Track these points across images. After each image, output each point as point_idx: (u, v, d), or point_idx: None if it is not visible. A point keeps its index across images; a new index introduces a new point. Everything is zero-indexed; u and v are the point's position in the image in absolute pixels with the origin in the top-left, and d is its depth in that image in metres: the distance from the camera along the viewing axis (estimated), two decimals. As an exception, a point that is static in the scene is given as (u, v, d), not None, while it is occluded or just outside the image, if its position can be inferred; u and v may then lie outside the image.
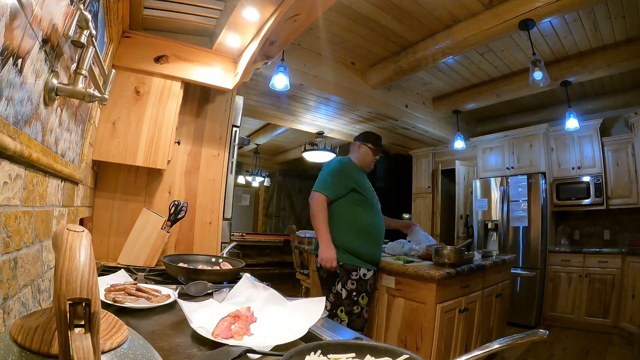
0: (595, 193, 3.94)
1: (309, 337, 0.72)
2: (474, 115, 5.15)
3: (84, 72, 0.81)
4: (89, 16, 0.78)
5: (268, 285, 0.96)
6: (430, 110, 4.51)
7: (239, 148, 2.38)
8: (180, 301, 0.76)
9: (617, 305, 3.49)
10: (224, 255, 1.61)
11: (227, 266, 1.38)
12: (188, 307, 0.76)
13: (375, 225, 2.08)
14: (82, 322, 0.29)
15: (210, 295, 0.89)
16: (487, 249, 4.16)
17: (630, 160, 3.77)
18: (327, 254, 1.96)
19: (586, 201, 4.01)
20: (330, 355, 0.55)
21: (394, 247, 2.62)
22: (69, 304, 0.28)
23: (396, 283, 2.09)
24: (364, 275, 2.00)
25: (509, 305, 2.99)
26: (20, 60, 0.58)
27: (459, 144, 4.45)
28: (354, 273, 1.98)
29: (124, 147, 1.59)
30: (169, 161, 1.73)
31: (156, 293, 0.93)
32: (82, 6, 0.77)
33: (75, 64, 0.85)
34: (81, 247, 0.31)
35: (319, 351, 0.56)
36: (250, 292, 0.93)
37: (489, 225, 4.40)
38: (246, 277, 0.98)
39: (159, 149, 1.64)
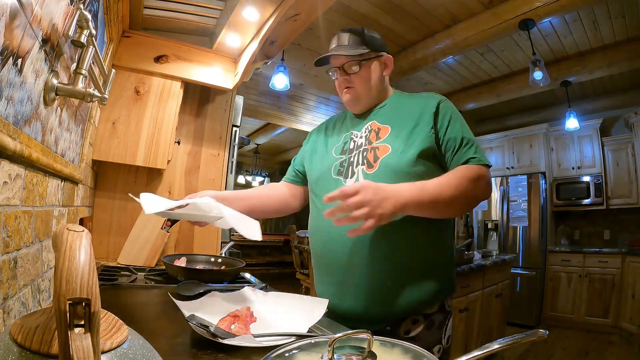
0: (595, 193, 3.94)
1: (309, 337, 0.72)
2: (474, 115, 5.15)
3: (84, 72, 0.81)
4: (89, 16, 0.78)
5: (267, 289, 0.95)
6: (430, 110, 4.51)
7: (239, 148, 2.38)
8: (178, 302, 0.76)
9: (617, 305, 3.49)
10: (224, 255, 1.61)
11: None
12: (187, 307, 0.76)
13: (310, 228, 1.10)
14: (82, 322, 0.29)
15: (202, 294, 0.89)
16: (487, 248, 4.17)
17: (630, 160, 3.77)
18: None
19: (586, 201, 4.01)
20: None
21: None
22: (69, 303, 0.28)
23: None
24: None
25: (509, 305, 2.99)
26: (20, 60, 0.57)
27: (459, 144, 4.44)
28: None
29: (124, 147, 1.59)
30: (169, 161, 1.73)
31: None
32: (82, 6, 0.77)
33: (75, 64, 0.85)
34: (81, 247, 0.31)
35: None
36: (249, 295, 0.93)
37: (489, 225, 4.40)
38: (248, 288, 0.97)
39: (159, 149, 1.64)
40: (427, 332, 0.90)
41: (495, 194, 4.42)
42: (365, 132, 1.02)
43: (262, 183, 7.60)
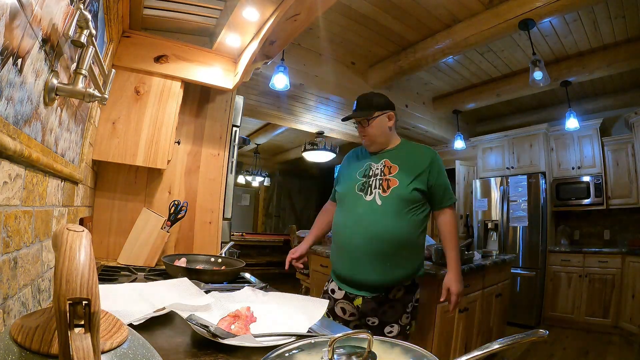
0: (595, 193, 3.94)
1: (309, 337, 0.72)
2: (474, 115, 5.15)
3: (84, 72, 0.81)
4: (89, 16, 0.78)
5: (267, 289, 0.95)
6: (430, 110, 4.51)
7: (239, 148, 2.38)
8: (177, 302, 0.76)
9: (617, 305, 3.49)
10: (224, 255, 1.61)
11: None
12: (187, 308, 0.76)
13: (337, 225, 1.51)
14: (82, 322, 0.29)
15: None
16: (487, 248, 4.16)
17: (630, 160, 3.77)
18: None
19: (586, 201, 4.01)
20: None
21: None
22: (69, 303, 0.28)
23: (396, 283, 2.08)
24: (331, 290, 1.50)
25: (509, 305, 2.99)
26: (20, 60, 0.57)
27: (459, 143, 4.45)
28: (325, 284, 1.58)
29: (124, 147, 1.59)
30: (168, 161, 1.73)
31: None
32: (82, 6, 0.77)
33: (75, 64, 0.85)
34: (81, 247, 0.31)
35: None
36: (249, 295, 0.94)
37: (489, 225, 4.40)
38: (248, 288, 0.98)
39: (158, 149, 1.64)
40: (405, 295, 1.41)
41: (495, 194, 4.41)
42: (381, 166, 1.47)
43: (262, 183, 7.59)
